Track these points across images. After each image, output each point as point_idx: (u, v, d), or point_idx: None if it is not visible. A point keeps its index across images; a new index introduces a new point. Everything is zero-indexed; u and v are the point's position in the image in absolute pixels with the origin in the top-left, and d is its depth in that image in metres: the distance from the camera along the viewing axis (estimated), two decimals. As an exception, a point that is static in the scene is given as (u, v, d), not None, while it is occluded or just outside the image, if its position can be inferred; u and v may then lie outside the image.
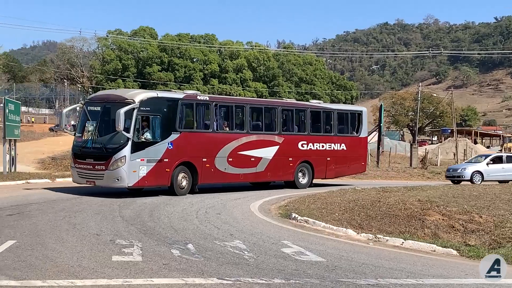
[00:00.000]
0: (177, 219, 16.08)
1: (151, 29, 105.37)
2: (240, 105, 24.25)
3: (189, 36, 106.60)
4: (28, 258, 10.64)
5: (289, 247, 12.57)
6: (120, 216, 16.20)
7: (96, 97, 22.29)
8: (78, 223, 14.72)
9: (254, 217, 17.46)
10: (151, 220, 15.79)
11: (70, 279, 9.23)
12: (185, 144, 21.10)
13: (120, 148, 19.37)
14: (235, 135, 23.14)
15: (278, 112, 24.80)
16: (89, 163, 19.97)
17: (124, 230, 14.05)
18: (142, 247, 11.90)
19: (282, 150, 24.52)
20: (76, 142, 20.88)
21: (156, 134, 20.22)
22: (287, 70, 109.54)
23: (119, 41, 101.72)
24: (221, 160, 22.33)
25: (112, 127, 19.47)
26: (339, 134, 27.04)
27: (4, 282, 8.87)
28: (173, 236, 13.44)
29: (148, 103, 19.95)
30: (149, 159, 19.90)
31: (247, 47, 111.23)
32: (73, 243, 12.18)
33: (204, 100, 22.35)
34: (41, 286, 8.81)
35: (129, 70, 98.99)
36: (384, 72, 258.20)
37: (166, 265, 10.42)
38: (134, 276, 9.54)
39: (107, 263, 10.47)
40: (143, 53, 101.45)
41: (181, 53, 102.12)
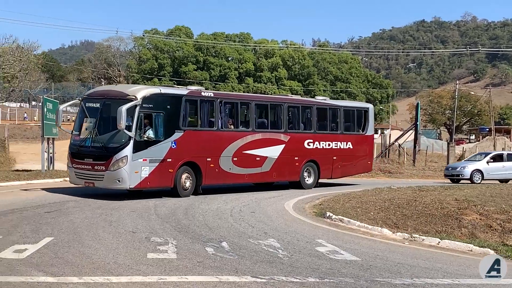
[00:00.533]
0: (211, 217, 16.14)
1: (186, 28, 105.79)
2: (245, 102, 23.11)
3: (224, 35, 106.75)
4: (65, 254, 10.79)
5: (323, 246, 12.52)
6: (156, 214, 16.33)
7: (95, 93, 20.82)
8: (114, 221, 14.88)
9: (288, 215, 17.44)
10: (186, 218, 15.88)
11: (106, 275, 9.34)
12: (189, 143, 19.99)
13: (122, 148, 18.24)
14: (240, 134, 22.09)
15: (284, 109, 23.79)
16: (87, 163, 18.79)
17: (159, 227, 14.16)
18: (177, 245, 11.98)
19: (288, 149, 23.62)
20: (74, 141, 19.68)
21: (159, 132, 19.10)
22: (322, 68, 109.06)
23: (155, 40, 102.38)
24: (226, 160, 21.35)
25: (112, 125, 18.32)
26: (345, 132, 26.23)
27: (42, 279, 9.01)
28: (208, 234, 13.50)
29: (151, 100, 18.88)
30: (152, 159, 18.83)
31: (282, 46, 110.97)
32: (109, 240, 12.32)
33: (209, 96, 21.16)
34: (77, 282, 8.93)
35: (165, 69, 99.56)
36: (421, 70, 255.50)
37: (201, 263, 10.47)
38: (169, 274, 9.61)
39: (142, 260, 10.57)
40: (178, 52, 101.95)
41: (216, 52, 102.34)
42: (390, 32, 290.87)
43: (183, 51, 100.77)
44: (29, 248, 11.12)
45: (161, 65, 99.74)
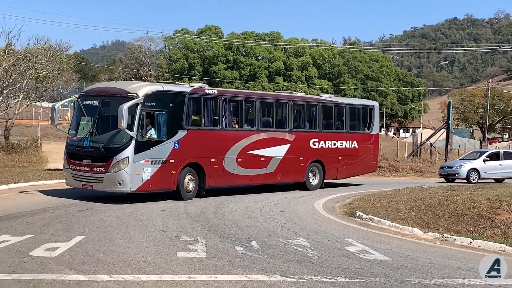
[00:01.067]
0: (241, 216, 16.18)
1: (217, 27, 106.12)
2: (250, 100, 22.02)
3: (254, 34, 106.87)
4: (96, 253, 10.90)
5: (353, 246, 12.47)
6: (185, 213, 16.42)
7: (93, 89, 19.64)
8: (144, 220, 15.00)
9: (318, 215, 17.40)
10: (215, 217, 15.94)
11: (136, 274, 9.41)
12: (192, 143, 18.95)
13: (122, 148, 17.19)
14: (245, 133, 21.09)
15: (290, 107, 22.76)
16: (86, 165, 17.73)
17: (189, 226, 14.23)
18: (206, 244, 12.03)
19: (293, 148, 22.59)
20: (70, 141, 18.63)
21: (162, 132, 18.03)
22: (352, 67, 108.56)
23: (186, 40, 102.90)
24: (230, 161, 20.26)
25: (112, 124, 17.34)
26: (350, 131, 25.23)
27: (73, 277, 9.12)
28: (237, 233, 13.53)
29: (153, 98, 17.83)
30: (154, 160, 17.77)
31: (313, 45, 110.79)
32: (140, 239, 12.42)
33: (213, 94, 20.06)
34: (107, 280, 9.01)
35: (195, 68, 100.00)
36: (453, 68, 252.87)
37: (230, 262, 10.50)
38: (199, 272, 9.65)
39: (172, 259, 10.64)
40: (209, 52, 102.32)
41: (246, 51, 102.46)
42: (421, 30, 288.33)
43: (213, 51, 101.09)
44: (61, 246, 11.26)
45: (191, 64, 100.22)
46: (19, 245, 11.24)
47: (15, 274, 9.12)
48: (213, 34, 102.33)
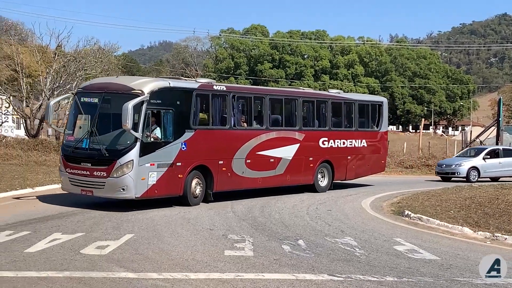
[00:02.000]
0: (287, 215, 16.18)
1: (262, 27, 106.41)
2: (259, 96, 20.41)
3: (300, 33, 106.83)
4: (145, 251, 11.05)
5: (401, 245, 12.35)
6: (232, 212, 16.51)
7: (92, 85, 17.79)
8: (192, 218, 15.13)
9: (365, 214, 17.28)
10: (262, 215, 15.98)
11: (184, 272, 9.51)
12: (200, 144, 17.42)
13: (127, 151, 15.63)
14: (254, 132, 19.56)
15: (299, 104, 21.23)
16: (85, 168, 16.05)
17: (236, 225, 14.30)
18: (253, 242, 12.07)
19: (302, 148, 21.04)
20: (67, 142, 17.06)
21: (168, 132, 16.56)
22: (400, 64, 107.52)
23: (232, 39, 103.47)
24: (238, 162, 18.73)
25: (114, 123, 15.97)
26: (360, 129, 23.75)
27: (123, 274, 9.27)
28: (284, 232, 13.54)
29: (159, 95, 16.31)
30: (160, 163, 16.23)
31: (359, 42, 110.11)
32: (187, 237, 12.54)
33: (221, 90, 18.51)
34: (156, 278, 9.13)
35: (241, 68, 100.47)
36: (503, 64, 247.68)
37: (277, 261, 10.52)
38: (246, 271, 9.70)
39: (219, 257, 10.71)
40: (254, 51, 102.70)
41: (292, 50, 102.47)
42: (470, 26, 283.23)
43: (259, 50, 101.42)
44: (111, 244, 11.45)
45: (237, 64, 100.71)
46: (70, 243, 11.47)
47: (66, 272, 9.32)
48: (259, 33, 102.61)
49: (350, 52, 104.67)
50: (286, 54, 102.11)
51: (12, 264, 9.73)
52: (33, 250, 10.76)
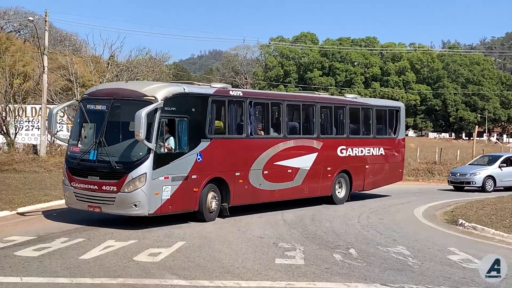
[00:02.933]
0: (338, 224, 16.10)
1: (312, 34, 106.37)
2: (276, 102, 18.97)
3: (350, 40, 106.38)
4: (196, 258, 11.14)
5: (455, 254, 12.15)
6: (283, 220, 16.50)
7: (99, 91, 16.34)
8: (242, 226, 15.19)
9: (418, 222, 17.07)
10: (312, 224, 15.93)
11: (236, 280, 9.56)
12: (216, 154, 16.13)
13: (139, 163, 14.25)
14: (271, 141, 18.21)
15: (317, 110, 19.81)
16: (92, 182, 14.65)
17: (286, 233, 14.29)
18: (304, 251, 12.05)
19: (320, 157, 19.63)
20: (72, 153, 15.59)
21: (183, 142, 15.18)
22: (452, 71, 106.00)
23: (281, 47, 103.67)
24: (256, 174, 17.38)
25: (124, 133, 14.79)
26: (377, 136, 22.30)
27: (175, 282, 9.37)
28: (335, 241, 13.47)
29: (174, 102, 14.99)
30: (175, 176, 14.87)
31: (410, 49, 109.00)
32: (238, 245, 12.59)
33: (238, 96, 17.24)
34: (208, 286, 9.21)
35: (290, 76, 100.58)
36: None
37: (328, 269, 10.48)
38: (297, 279, 9.69)
39: (270, 265, 10.72)
40: (304, 59, 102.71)
41: (342, 57, 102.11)
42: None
43: (308, 57, 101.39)
44: (163, 251, 11.59)
45: (286, 72, 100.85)
46: (123, 250, 11.65)
47: (120, 278, 9.47)
48: (308, 41, 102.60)
49: (401, 59, 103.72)
50: (336, 61, 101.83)
51: (67, 270, 9.93)
52: (88, 257, 10.96)
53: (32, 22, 43.51)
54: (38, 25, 42.82)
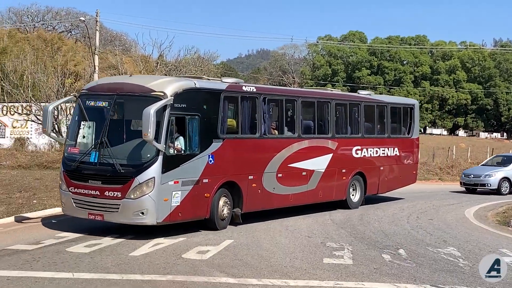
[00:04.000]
0: (387, 224, 15.96)
1: (360, 33, 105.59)
2: (290, 99, 17.38)
3: (399, 39, 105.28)
4: (244, 257, 11.20)
5: (508, 256, 11.94)
6: (331, 219, 16.44)
7: (100, 86, 14.74)
8: (290, 225, 15.19)
9: (469, 223, 16.81)
10: (361, 224, 15.83)
11: (284, 279, 9.58)
12: (228, 156, 14.63)
13: (147, 166, 12.76)
14: (286, 141, 16.74)
15: (332, 107, 18.27)
16: (94, 187, 13.09)
17: (334, 233, 14.24)
18: (352, 251, 12.01)
19: (335, 159, 18.16)
20: (70, 154, 13.98)
21: (194, 143, 13.64)
22: (504, 69, 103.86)
23: (329, 46, 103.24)
24: (269, 177, 15.83)
25: (128, 132, 13.40)
26: (392, 136, 20.85)
27: (223, 279, 9.44)
28: (384, 241, 13.38)
29: (184, 98, 13.44)
30: (185, 180, 13.31)
31: (461, 47, 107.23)
32: (286, 244, 12.62)
33: (251, 92, 15.64)
34: (256, 284, 9.25)
35: (338, 75, 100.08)
36: None
37: (377, 270, 10.42)
38: (345, 279, 9.66)
39: (318, 265, 10.72)
40: (352, 58, 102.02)
41: (391, 56, 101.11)
42: None
43: (356, 56, 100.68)
44: (211, 249, 11.69)
45: (334, 71, 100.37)
46: (172, 247, 11.80)
47: (169, 275, 9.60)
48: (356, 40, 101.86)
49: (451, 58, 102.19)
50: (385, 60, 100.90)
51: (117, 267, 10.12)
52: (137, 254, 11.13)
53: (84, 23, 44.45)
54: (89, 25, 43.65)
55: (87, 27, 41.66)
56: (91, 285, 9.02)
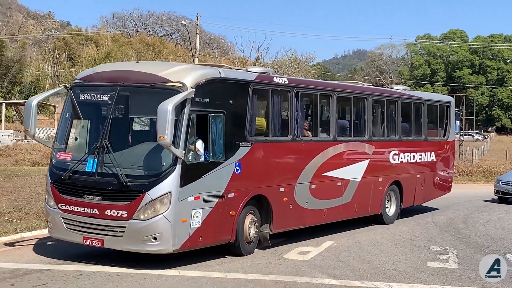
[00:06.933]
0: (493, 228, 15.47)
1: (461, 31, 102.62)
2: (325, 94, 14.21)
3: (503, 37, 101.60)
4: (346, 258, 11.15)
5: None
6: (433, 222, 16.08)
7: (98, 75, 11.25)
8: (391, 228, 14.99)
9: None
10: (465, 227, 15.39)
11: (387, 281, 9.47)
12: (257, 164, 11.69)
13: (161, 178, 9.89)
14: (320, 145, 13.68)
15: (368, 104, 15.30)
16: (91, 205, 10.16)
17: (437, 236, 13.93)
18: (457, 255, 11.73)
19: (372, 166, 15.20)
20: (58, 162, 10.93)
21: (218, 147, 10.75)
22: None
23: (428, 45, 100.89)
24: (302, 189, 12.79)
25: (137, 134, 10.86)
26: (429, 138, 18.02)
27: (326, 281, 9.43)
28: (490, 245, 12.98)
29: (208, 90, 10.54)
30: (207, 195, 10.41)
31: None
32: (388, 247, 12.47)
33: (283, 84, 12.55)
34: (359, 287, 9.21)
35: (437, 74, 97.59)
36: None
37: (484, 275, 10.11)
38: (451, 284, 9.47)
39: (422, 268, 10.53)
40: (452, 57, 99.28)
41: (494, 54, 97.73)
42: None
43: (457, 55, 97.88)
44: (312, 250, 11.71)
45: (433, 70, 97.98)
46: (274, 248, 11.83)
47: (272, 275, 9.68)
48: (457, 38, 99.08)
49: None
50: (487, 59, 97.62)
51: (221, 265, 10.31)
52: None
53: (185, 26, 45.45)
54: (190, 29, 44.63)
55: (188, 31, 42.63)
56: (197, 282, 9.22)
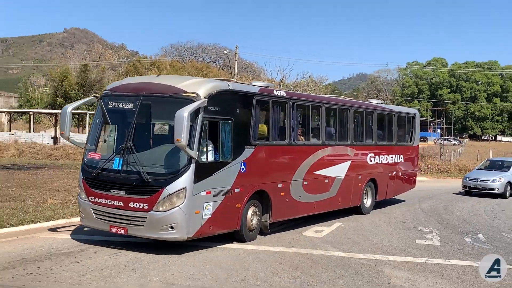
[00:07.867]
0: (467, 213, 15.21)
1: (442, 59, 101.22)
2: (316, 105, 13.45)
3: (475, 64, 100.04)
4: (351, 236, 11.07)
5: None
6: (420, 209, 15.88)
7: (124, 86, 10.73)
8: (387, 212, 14.86)
9: (538, 215, 15.66)
10: (445, 213, 15.17)
11: (384, 255, 9.38)
12: (259, 163, 11.05)
13: (178, 175, 9.32)
14: (312, 148, 13.00)
15: (351, 114, 14.68)
16: (117, 198, 9.65)
17: (424, 219, 13.75)
18: (439, 234, 11.57)
19: (353, 166, 14.55)
20: (90, 161, 10.37)
21: (226, 149, 10.17)
22: None
23: (416, 70, 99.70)
24: (296, 185, 12.20)
25: (157, 137, 9.91)
26: (398, 143, 17.16)
27: (336, 253, 9.38)
28: (465, 227, 12.77)
29: (218, 100, 9.98)
30: (217, 190, 9.82)
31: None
32: (384, 227, 12.36)
33: (281, 96, 11.96)
34: (362, 258, 9.12)
35: (423, 93, 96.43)
36: None
37: (461, 250, 9.97)
38: (435, 257, 9.33)
39: (412, 244, 10.41)
40: (435, 79, 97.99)
41: (467, 77, 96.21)
42: None
43: (439, 78, 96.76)
44: (325, 230, 11.66)
45: (420, 89, 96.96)
46: (294, 227, 11.83)
47: (294, 248, 9.66)
48: (439, 65, 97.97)
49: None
50: (462, 80, 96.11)
51: (255, 241, 10.28)
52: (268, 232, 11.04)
53: (226, 55, 45.57)
54: (230, 57, 44.74)
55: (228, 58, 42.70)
56: (235, 252, 9.26)
